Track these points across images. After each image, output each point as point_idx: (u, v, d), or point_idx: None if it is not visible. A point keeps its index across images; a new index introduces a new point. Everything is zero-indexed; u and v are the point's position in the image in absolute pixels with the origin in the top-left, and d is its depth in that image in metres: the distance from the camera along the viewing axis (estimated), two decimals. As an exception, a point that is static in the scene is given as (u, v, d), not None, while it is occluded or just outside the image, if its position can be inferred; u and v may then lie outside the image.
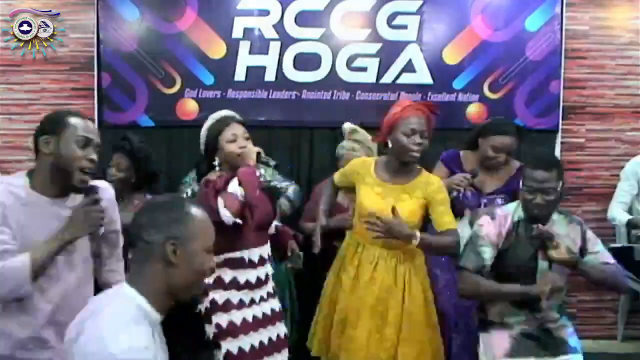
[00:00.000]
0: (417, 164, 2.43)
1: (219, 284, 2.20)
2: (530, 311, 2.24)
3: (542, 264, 2.21)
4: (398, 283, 2.36)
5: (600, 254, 2.25)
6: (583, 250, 2.25)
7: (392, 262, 2.37)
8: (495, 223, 2.24)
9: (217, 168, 2.32)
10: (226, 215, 2.10)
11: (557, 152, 3.75)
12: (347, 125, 3.11)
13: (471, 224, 2.48)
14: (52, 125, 1.74)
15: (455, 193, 2.68)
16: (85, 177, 1.76)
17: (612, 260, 2.25)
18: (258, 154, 2.27)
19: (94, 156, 1.77)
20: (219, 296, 2.19)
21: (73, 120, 1.75)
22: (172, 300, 1.38)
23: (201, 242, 1.37)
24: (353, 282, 2.40)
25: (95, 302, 1.40)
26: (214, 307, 2.18)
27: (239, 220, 2.13)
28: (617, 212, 3.42)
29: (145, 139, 3.26)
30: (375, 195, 2.38)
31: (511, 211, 2.27)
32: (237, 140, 2.31)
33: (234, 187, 2.16)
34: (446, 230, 2.32)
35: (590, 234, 2.29)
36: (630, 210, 3.45)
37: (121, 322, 1.26)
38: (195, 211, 1.39)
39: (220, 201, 2.11)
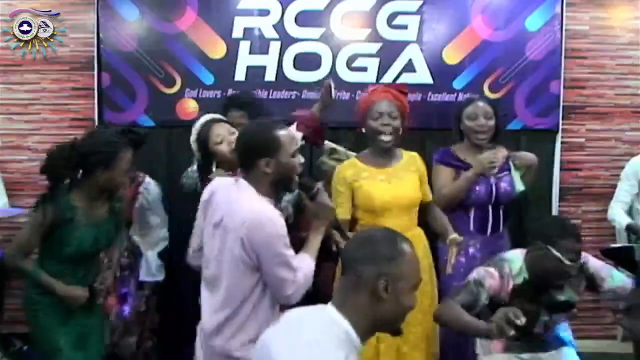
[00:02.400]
0: (395, 145, 2.58)
1: None
2: (524, 335, 2.19)
3: (542, 318, 2.26)
4: None
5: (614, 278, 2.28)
6: (596, 287, 2.29)
7: None
8: (501, 281, 2.20)
9: (213, 169, 2.35)
10: None
11: (557, 152, 3.75)
12: (328, 145, 3.03)
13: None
14: (269, 147, 1.88)
15: (494, 170, 2.80)
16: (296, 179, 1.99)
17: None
18: None
19: (302, 159, 1.99)
20: None
21: (283, 137, 1.91)
22: (373, 332, 1.43)
23: (410, 279, 1.41)
24: None
25: (294, 317, 1.45)
26: None
27: None
28: (617, 213, 3.41)
29: (145, 139, 3.27)
30: (381, 183, 2.45)
31: (514, 273, 2.22)
32: (224, 140, 2.35)
33: None
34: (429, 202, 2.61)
35: (593, 267, 2.28)
36: (630, 210, 3.45)
37: (325, 343, 1.31)
38: (408, 250, 1.43)
39: None
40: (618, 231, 3.55)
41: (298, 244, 2.71)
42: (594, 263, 2.31)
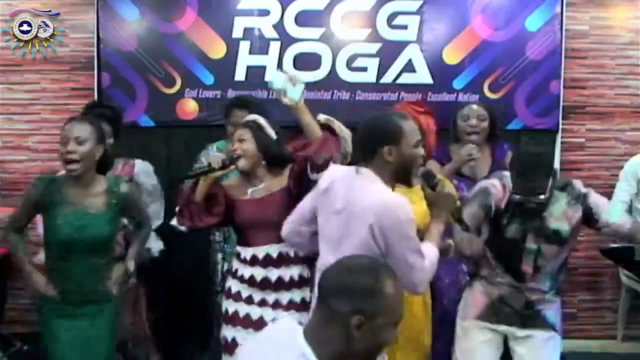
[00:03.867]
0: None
1: (230, 271, 2.43)
2: (514, 278, 2.33)
3: (530, 247, 2.30)
4: None
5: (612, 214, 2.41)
6: (592, 220, 2.35)
7: None
8: (503, 190, 2.34)
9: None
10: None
11: (557, 152, 3.75)
12: (321, 117, 3.03)
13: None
14: (392, 136, 1.88)
15: (473, 163, 2.95)
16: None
17: None
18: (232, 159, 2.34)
19: (423, 150, 2.01)
20: (229, 282, 2.41)
21: (406, 126, 1.90)
22: None
23: (389, 317, 1.33)
24: None
25: (265, 339, 1.43)
26: (227, 291, 2.42)
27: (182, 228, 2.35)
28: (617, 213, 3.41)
29: (145, 139, 3.28)
30: None
31: (510, 186, 2.35)
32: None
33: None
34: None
35: (593, 201, 2.35)
36: (630, 210, 3.45)
37: None
38: (390, 285, 1.34)
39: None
40: (618, 231, 3.55)
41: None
42: (595, 197, 2.37)
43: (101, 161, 2.35)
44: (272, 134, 2.40)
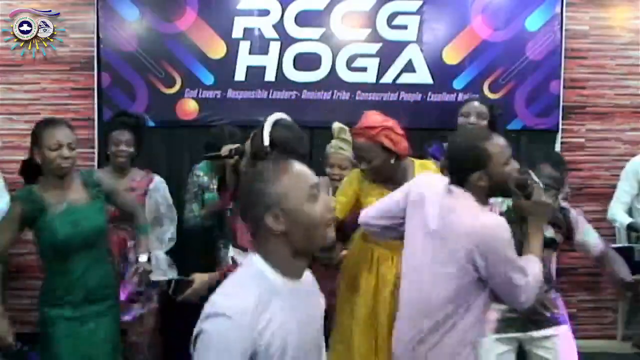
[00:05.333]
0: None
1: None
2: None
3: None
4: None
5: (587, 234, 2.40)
6: (571, 235, 2.38)
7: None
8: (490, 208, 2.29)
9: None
10: None
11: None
12: (336, 125, 3.06)
13: None
14: (479, 161, 1.85)
15: None
16: None
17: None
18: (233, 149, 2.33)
19: (517, 164, 2.00)
20: None
21: (492, 147, 1.86)
22: (305, 259, 1.36)
23: (299, 194, 1.31)
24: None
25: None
26: None
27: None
28: (618, 213, 3.42)
29: (145, 139, 3.28)
30: None
31: (499, 201, 2.32)
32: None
33: None
34: None
35: (573, 217, 2.38)
36: (630, 210, 3.45)
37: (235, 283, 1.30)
38: (277, 169, 1.33)
39: None
40: (618, 231, 3.55)
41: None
42: (574, 215, 2.40)
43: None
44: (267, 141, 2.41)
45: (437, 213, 1.89)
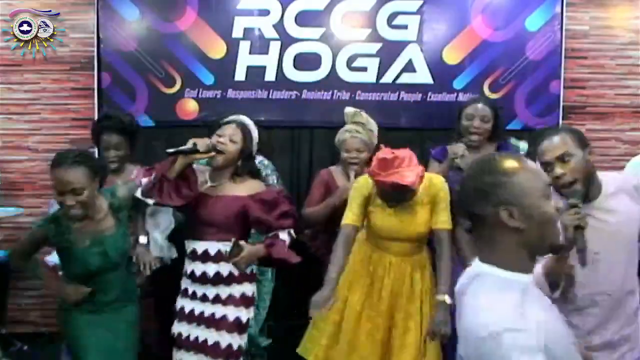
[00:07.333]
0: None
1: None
2: None
3: None
4: (415, 290, 2.45)
5: None
6: None
7: (407, 268, 2.47)
8: None
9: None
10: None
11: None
12: (349, 109, 3.03)
13: None
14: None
15: (457, 161, 2.84)
16: None
17: None
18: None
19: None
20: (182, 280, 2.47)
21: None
22: (534, 259, 1.32)
23: (534, 192, 1.27)
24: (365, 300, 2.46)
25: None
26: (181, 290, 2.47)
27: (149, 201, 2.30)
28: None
29: (145, 139, 3.27)
30: (388, 216, 2.42)
31: None
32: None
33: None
34: (439, 230, 2.41)
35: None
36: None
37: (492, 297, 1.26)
38: (512, 165, 1.29)
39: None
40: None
41: None
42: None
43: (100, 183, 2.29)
44: (254, 145, 2.44)
45: None
